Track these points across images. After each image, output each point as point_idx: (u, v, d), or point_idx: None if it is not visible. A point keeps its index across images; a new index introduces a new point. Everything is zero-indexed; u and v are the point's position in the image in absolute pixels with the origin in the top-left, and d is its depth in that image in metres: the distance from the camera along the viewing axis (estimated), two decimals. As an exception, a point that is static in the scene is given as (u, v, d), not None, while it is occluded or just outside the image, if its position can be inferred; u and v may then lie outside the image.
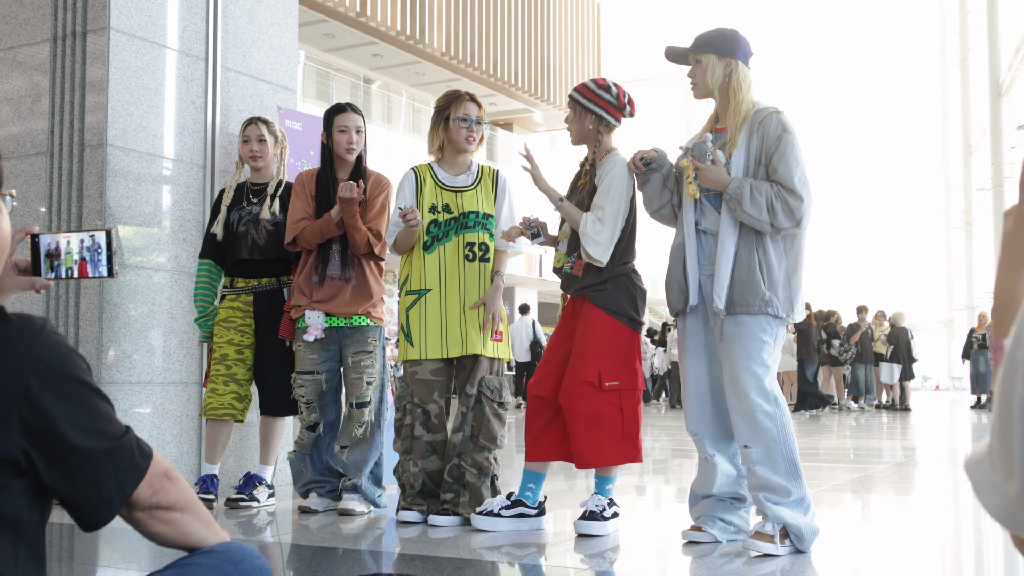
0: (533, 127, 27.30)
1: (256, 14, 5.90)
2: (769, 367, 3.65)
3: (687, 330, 3.84)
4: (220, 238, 4.93)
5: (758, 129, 3.69)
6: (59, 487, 1.40)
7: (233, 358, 4.86)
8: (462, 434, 4.27)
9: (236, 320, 4.88)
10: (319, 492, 4.76)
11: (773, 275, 3.64)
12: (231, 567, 1.58)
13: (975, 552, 3.88)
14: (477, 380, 4.28)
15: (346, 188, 4.47)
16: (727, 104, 3.79)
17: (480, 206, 4.42)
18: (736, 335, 3.63)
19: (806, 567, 3.39)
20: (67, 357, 1.39)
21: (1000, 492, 0.99)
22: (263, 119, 5.06)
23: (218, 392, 4.82)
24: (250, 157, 5.00)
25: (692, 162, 3.70)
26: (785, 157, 3.61)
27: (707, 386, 3.80)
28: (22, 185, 5.28)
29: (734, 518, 3.80)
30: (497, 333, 4.36)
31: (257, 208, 4.93)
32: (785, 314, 3.65)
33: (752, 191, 3.58)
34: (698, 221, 3.80)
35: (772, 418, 3.58)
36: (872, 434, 10.97)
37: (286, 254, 4.90)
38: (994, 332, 1.16)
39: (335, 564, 3.58)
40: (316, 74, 20.24)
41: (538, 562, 3.64)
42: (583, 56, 26.62)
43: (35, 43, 5.39)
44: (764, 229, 3.61)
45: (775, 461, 3.57)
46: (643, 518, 4.91)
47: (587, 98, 4.17)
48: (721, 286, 3.64)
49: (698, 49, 3.79)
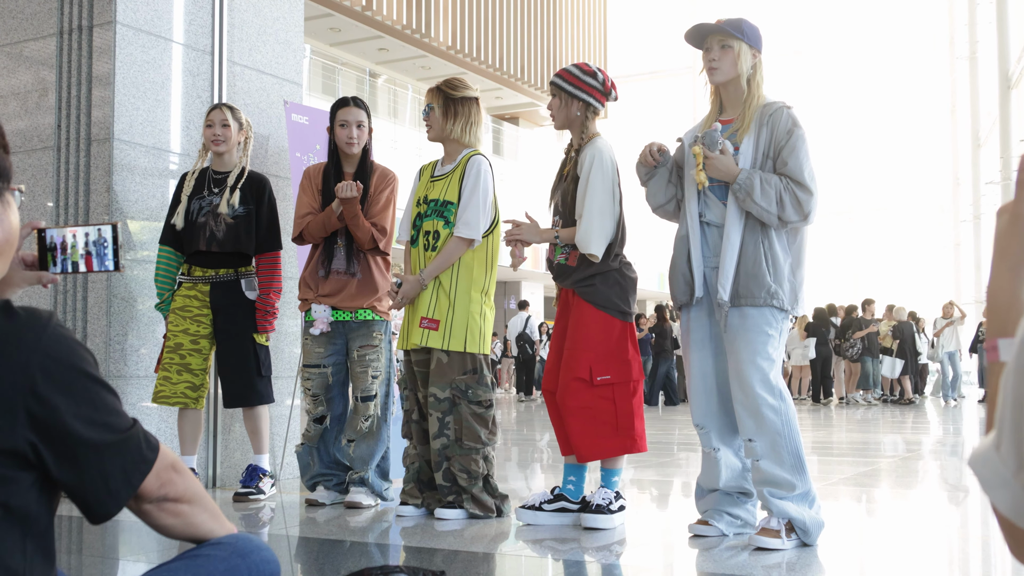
0: (539, 121, 27.25)
1: (262, 8, 5.90)
2: (774, 360, 3.65)
3: (691, 323, 3.84)
4: (180, 228, 4.89)
5: (767, 122, 3.68)
6: (66, 480, 1.40)
7: (188, 348, 4.84)
8: (444, 439, 4.22)
9: (192, 309, 4.87)
10: (326, 485, 4.77)
11: (778, 268, 3.64)
12: (239, 559, 1.59)
13: (982, 546, 3.87)
14: (447, 382, 4.23)
15: (344, 188, 4.47)
16: (739, 95, 3.77)
17: (441, 194, 4.35)
18: (741, 328, 3.63)
19: (812, 560, 3.40)
20: (73, 350, 1.39)
21: (1011, 487, 0.99)
22: (228, 105, 5.05)
23: (171, 381, 4.81)
24: (212, 141, 4.96)
25: (703, 150, 3.67)
26: (796, 151, 3.61)
27: (713, 379, 3.80)
28: (29, 180, 5.29)
29: (741, 512, 3.80)
30: (432, 321, 4.25)
31: (217, 199, 4.91)
32: (790, 307, 3.65)
33: (762, 183, 3.57)
34: (702, 213, 3.79)
35: (777, 412, 3.58)
36: (877, 428, 10.95)
37: (244, 248, 4.88)
38: (988, 332, 1.16)
39: (342, 556, 3.59)
40: (322, 68, 20.24)
41: (544, 555, 3.65)
42: (589, 50, 26.56)
43: (41, 38, 5.40)
44: (771, 222, 3.60)
45: (780, 455, 3.57)
46: (649, 511, 4.92)
47: (573, 84, 4.16)
48: (726, 278, 3.64)
49: (733, 33, 3.72)
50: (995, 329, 1.15)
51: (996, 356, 1.13)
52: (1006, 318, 1.14)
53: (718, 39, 3.75)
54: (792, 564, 3.30)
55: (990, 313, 1.16)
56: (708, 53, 3.78)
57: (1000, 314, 1.14)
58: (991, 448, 1.01)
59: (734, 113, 3.80)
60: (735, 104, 3.80)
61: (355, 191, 4.47)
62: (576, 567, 3.43)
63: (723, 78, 3.77)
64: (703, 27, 3.79)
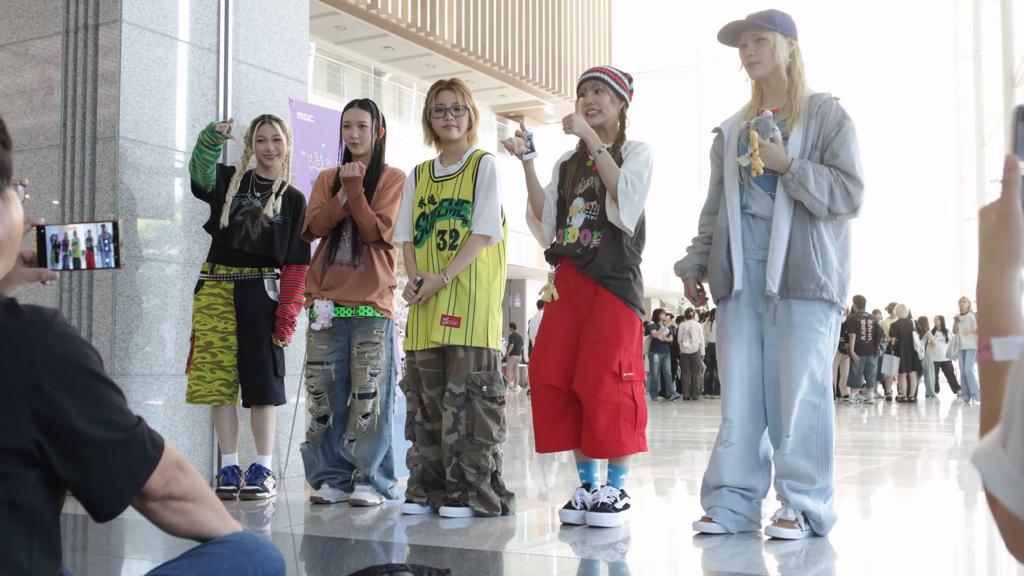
0: (544, 119, 27.25)
1: (267, 6, 5.91)
2: (825, 359, 3.64)
3: (728, 315, 3.80)
4: (225, 225, 4.91)
5: (816, 113, 3.66)
6: (71, 478, 1.40)
7: (218, 345, 4.90)
8: (457, 434, 4.23)
9: (219, 307, 4.91)
10: (331, 483, 4.78)
11: (828, 259, 3.63)
12: (244, 557, 1.59)
13: (987, 543, 3.86)
14: (463, 377, 4.23)
15: (348, 168, 4.52)
16: (780, 85, 3.75)
17: (455, 193, 4.35)
18: (792, 325, 3.62)
19: (825, 550, 3.43)
20: (78, 349, 1.39)
21: (1019, 484, 0.99)
22: (276, 118, 5.07)
23: (205, 380, 4.87)
24: (264, 155, 5.01)
25: (757, 137, 3.60)
26: (847, 143, 3.61)
27: (747, 372, 3.77)
28: (35, 178, 5.30)
29: (745, 509, 3.78)
30: (453, 319, 4.23)
31: (259, 202, 4.95)
32: (839, 298, 3.64)
33: (815, 173, 3.56)
34: (747, 204, 3.75)
35: (817, 408, 3.60)
36: (882, 426, 10.94)
37: (275, 254, 4.94)
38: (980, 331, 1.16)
39: (347, 554, 3.59)
40: (327, 66, 20.24)
41: (549, 553, 3.65)
42: (594, 48, 26.55)
43: (47, 36, 5.41)
44: (820, 213, 3.59)
45: (808, 449, 3.59)
46: (654, 509, 4.91)
47: (619, 86, 4.13)
48: (775, 269, 3.61)
49: (765, 25, 3.70)
50: (987, 328, 1.15)
51: (990, 355, 1.14)
52: (998, 316, 1.14)
53: (752, 33, 3.73)
54: (805, 553, 3.30)
55: (981, 312, 1.16)
56: (744, 49, 3.76)
57: (992, 313, 1.15)
58: (997, 445, 1.01)
59: (776, 103, 3.76)
60: (777, 94, 3.77)
61: (358, 171, 4.52)
62: (582, 565, 3.43)
63: (763, 72, 3.74)
64: (735, 24, 3.76)
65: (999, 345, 1.13)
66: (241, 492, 4.85)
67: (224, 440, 4.95)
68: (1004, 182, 1.16)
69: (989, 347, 1.14)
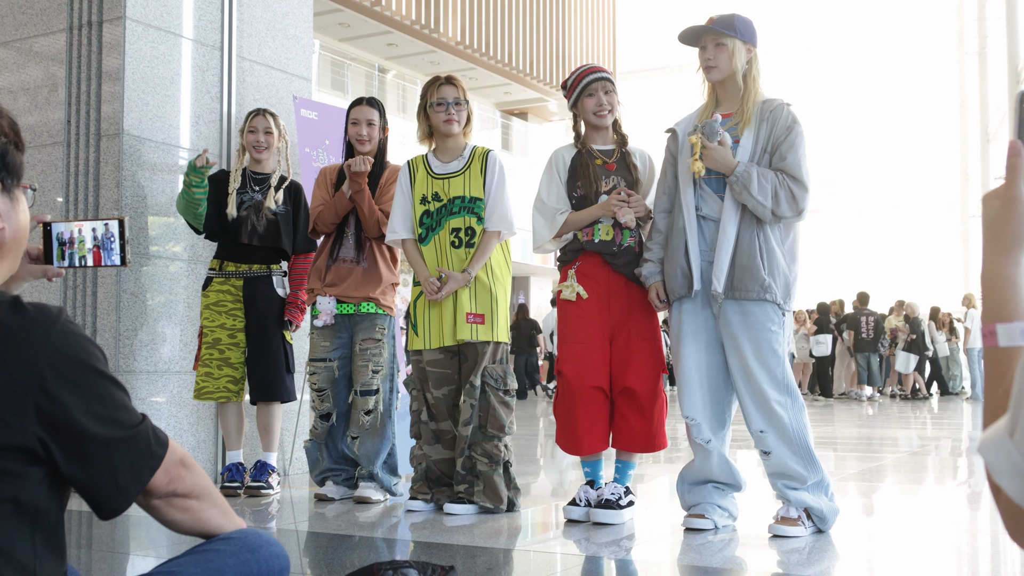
0: (548, 116, 27.22)
1: (271, 3, 5.91)
2: (780, 356, 3.68)
3: (684, 315, 3.85)
4: (233, 217, 4.92)
5: (768, 118, 3.73)
6: (76, 476, 1.40)
7: (226, 342, 4.92)
8: (472, 426, 4.26)
9: (227, 304, 4.94)
10: (335, 480, 4.78)
11: (774, 262, 3.68)
12: (248, 553, 1.59)
13: (991, 540, 3.86)
14: (480, 370, 4.26)
15: (356, 162, 4.54)
16: (736, 90, 3.80)
17: (466, 190, 4.36)
18: (743, 325, 3.67)
19: (828, 546, 3.43)
20: (82, 346, 1.39)
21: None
22: (270, 111, 5.08)
23: (213, 376, 4.89)
24: (254, 147, 5.02)
25: (701, 139, 3.68)
26: (795, 147, 3.67)
27: (704, 371, 3.82)
28: (39, 175, 5.31)
29: (727, 503, 3.87)
30: (478, 316, 4.26)
31: (259, 197, 4.96)
32: (782, 300, 3.68)
33: (759, 176, 3.62)
34: (698, 207, 3.81)
35: (785, 407, 3.64)
36: (892, 423, 10.93)
37: (282, 244, 4.96)
38: (984, 318, 1.16)
39: (351, 551, 3.60)
40: (331, 63, 20.23)
41: (553, 550, 3.65)
42: (598, 45, 26.52)
43: (51, 33, 5.41)
44: (764, 215, 3.64)
45: (791, 448, 3.64)
46: (657, 506, 4.91)
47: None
48: (721, 269, 3.68)
49: (725, 32, 3.75)
50: (992, 314, 1.14)
51: (995, 341, 1.13)
52: (1003, 302, 1.14)
53: (712, 38, 3.79)
54: (808, 550, 3.30)
55: (986, 299, 1.16)
56: (704, 52, 3.82)
57: (996, 299, 1.14)
58: (1004, 435, 1.00)
59: (731, 107, 3.83)
60: (732, 99, 3.83)
61: (366, 164, 4.54)
62: (586, 562, 3.43)
63: (720, 76, 3.81)
64: (695, 28, 3.84)
65: (1004, 331, 1.13)
66: (246, 489, 4.85)
67: (229, 437, 4.96)
68: (1008, 167, 1.16)
69: (994, 333, 1.13)
